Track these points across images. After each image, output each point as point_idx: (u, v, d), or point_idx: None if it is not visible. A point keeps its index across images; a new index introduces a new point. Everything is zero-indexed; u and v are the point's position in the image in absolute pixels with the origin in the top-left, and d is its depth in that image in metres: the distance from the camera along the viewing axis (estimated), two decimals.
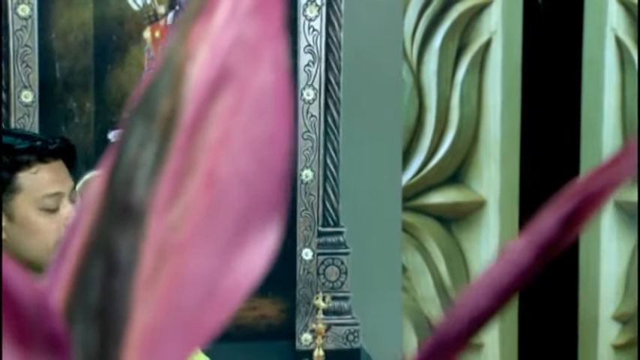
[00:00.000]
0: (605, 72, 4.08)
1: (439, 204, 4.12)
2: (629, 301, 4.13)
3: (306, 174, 3.81)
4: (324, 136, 3.81)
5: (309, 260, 3.83)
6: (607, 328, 4.13)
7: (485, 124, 4.09)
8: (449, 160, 4.09)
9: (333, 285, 3.84)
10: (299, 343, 3.82)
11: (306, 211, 3.83)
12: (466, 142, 4.09)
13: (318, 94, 3.80)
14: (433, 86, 4.05)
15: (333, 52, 3.80)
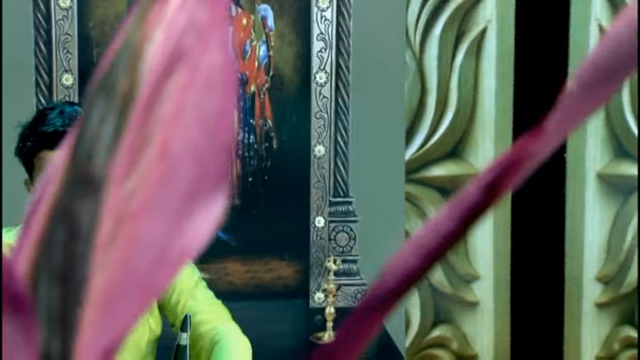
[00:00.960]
0: None
1: (439, 176, 4.10)
2: (610, 264, 4.12)
3: (318, 149, 3.80)
4: (334, 116, 3.80)
5: (321, 227, 3.83)
6: (590, 289, 4.12)
7: (481, 105, 4.08)
8: (448, 137, 4.08)
9: (343, 249, 3.84)
10: (312, 301, 3.83)
11: (319, 183, 3.82)
12: (464, 121, 4.08)
13: (330, 77, 3.79)
14: (434, 70, 4.04)
15: (343, 40, 3.79)
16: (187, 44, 0.50)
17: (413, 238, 0.53)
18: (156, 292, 0.49)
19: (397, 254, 0.53)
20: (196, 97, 0.50)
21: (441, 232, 0.52)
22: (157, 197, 0.49)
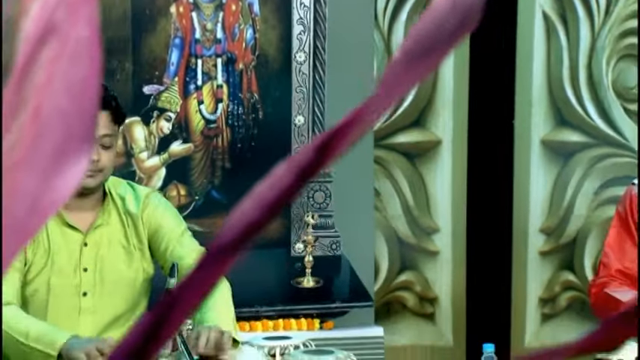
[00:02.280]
0: (534, 39, 4.04)
1: (405, 142, 4.10)
2: (552, 218, 4.11)
3: (298, 119, 3.78)
4: (312, 90, 3.78)
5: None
6: (535, 239, 4.12)
7: (441, 81, 4.07)
8: (412, 108, 4.07)
9: (319, 206, 3.82)
10: (293, 251, 3.82)
11: (299, 148, 3.80)
12: (426, 95, 4.07)
13: (308, 56, 3.76)
14: None
15: (319, 24, 3.76)
16: (59, 18, 0.49)
17: (253, 192, 0.52)
18: (29, 237, 0.48)
19: (240, 207, 0.52)
20: (65, 66, 0.49)
21: (279, 188, 0.52)
22: (30, 154, 0.49)
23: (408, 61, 0.49)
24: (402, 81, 0.49)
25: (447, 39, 0.49)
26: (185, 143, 3.71)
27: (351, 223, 3.84)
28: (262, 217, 0.51)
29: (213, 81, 3.71)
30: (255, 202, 0.52)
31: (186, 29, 3.67)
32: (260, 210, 0.51)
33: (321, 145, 0.50)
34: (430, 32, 0.48)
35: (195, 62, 3.69)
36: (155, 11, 3.65)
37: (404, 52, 0.49)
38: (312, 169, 0.50)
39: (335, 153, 0.50)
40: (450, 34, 0.49)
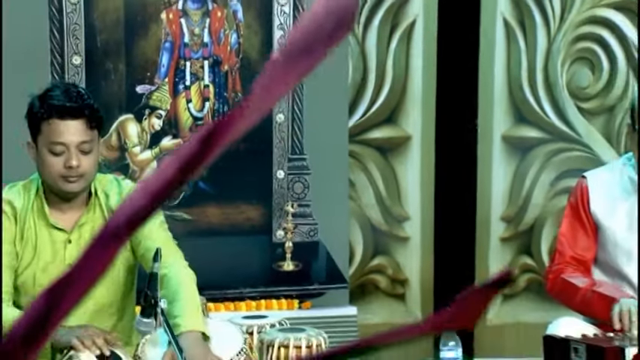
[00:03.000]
0: (496, 43, 4.03)
1: (378, 138, 4.08)
2: (511, 207, 4.11)
3: (279, 117, 3.76)
4: (292, 90, 3.76)
5: (281, 178, 3.80)
6: (496, 226, 4.11)
7: (411, 81, 4.05)
8: (385, 107, 4.05)
9: (298, 196, 3.81)
10: (274, 237, 3.80)
11: (279, 144, 3.79)
12: (397, 94, 4.05)
13: None
14: (373, 54, 4.01)
15: None
16: None
17: (141, 182, 0.51)
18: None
19: (129, 196, 0.51)
20: None
21: (164, 178, 0.50)
22: None
23: (286, 61, 0.48)
24: (281, 81, 0.48)
25: (324, 40, 0.47)
26: (175, 139, 3.69)
27: (327, 212, 3.83)
28: (148, 205, 0.50)
29: (201, 81, 3.69)
30: (142, 191, 0.50)
31: (176, 34, 3.65)
32: (146, 198, 0.50)
33: (204, 138, 0.49)
34: (308, 34, 0.47)
35: (184, 64, 3.67)
36: (147, 17, 3.63)
37: (282, 54, 0.47)
38: (196, 161, 0.49)
39: (217, 147, 0.49)
40: (327, 36, 0.47)
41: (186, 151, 0.49)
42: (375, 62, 4.01)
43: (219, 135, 0.48)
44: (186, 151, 0.49)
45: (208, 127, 0.48)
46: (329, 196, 3.83)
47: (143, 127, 3.65)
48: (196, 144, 0.48)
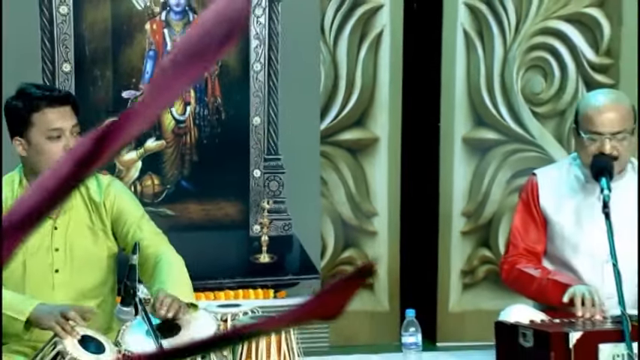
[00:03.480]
0: (456, 52, 4.03)
1: (348, 139, 4.07)
2: (471, 203, 4.10)
3: (255, 120, 3.76)
4: (267, 95, 3.75)
5: (258, 177, 3.79)
6: (457, 221, 4.10)
7: (378, 87, 4.04)
8: (354, 111, 4.04)
9: (274, 193, 3.80)
10: (251, 231, 3.80)
11: (256, 145, 3.78)
12: (366, 99, 4.04)
13: (264, 66, 3.74)
14: (344, 62, 4.00)
15: (273, 39, 3.74)
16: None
17: (38, 180, 0.50)
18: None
19: (27, 192, 0.49)
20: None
21: (58, 176, 0.49)
22: None
23: (176, 68, 0.46)
24: (170, 86, 0.46)
25: (214, 47, 0.46)
26: (158, 140, 3.68)
27: (300, 208, 3.83)
28: (44, 201, 0.48)
29: None
30: (38, 188, 0.49)
31: (159, 43, 3.63)
32: (42, 196, 0.48)
33: (98, 138, 0.48)
34: (197, 42, 0.46)
35: None
36: (132, 27, 3.61)
37: (172, 60, 0.46)
38: (90, 161, 0.47)
39: (110, 148, 0.47)
40: (217, 43, 0.46)
41: (81, 150, 0.47)
42: (345, 70, 4.00)
43: (112, 136, 0.47)
44: (81, 150, 0.47)
45: (102, 127, 0.46)
46: (302, 194, 3.83)
47: None
48: (90, 143, 0.47)
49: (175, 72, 0.46)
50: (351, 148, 4.07)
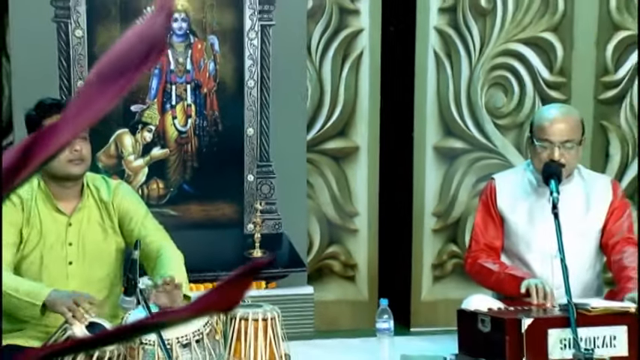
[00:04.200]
0: (428, 71, 4.03)
1: (332, 148, 4.07)
2: (441, 205, 4.11)
3: (249, 130, 3.75)
4: (260, 108, 3.75)
5: (251, 181, 3.79)
6: (428, 220, 4.11)
7: (359, 102, 4.05)
8: (338, 123, 4.04)
9: (266, 196, 3.80)
10: (246, 229, 3.79)
11: (250, 152, 3.77)
12: (348, 112, 4.04)
13: (257, 83, 3.73)
14: (328, 79, 4.00)
15: (265, 59, 3.73)
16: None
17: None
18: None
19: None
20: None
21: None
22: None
23: (100, 82, 0.46)
24: (96, 100, 0.46)
25: (135, 64, 0.46)
26: (163, 149, 3.68)
27: (289, 209, 3.82)
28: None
29: (184, 101, 3.67)
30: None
31: (164, 62, 3.63)
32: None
33: (24, 149, 0.47)
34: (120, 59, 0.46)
35: (170, 87, 3.66)
36: None
37: (96, 76, 0.46)
38: (17, 171, 0.47)
39: (36, 157, 0.47)
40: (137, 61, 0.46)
41: (8, 160, 0.46)
42: (329, 86, 4.00)
43: (37, 147, 0.46)
44: (8, 160, 0.46)
45: (28, 139, 0.45)
46: (291, 196, 3.83)
47: (136, 139, 3.63)
48: (16, 155, 0.46)
49: (100, 86, 0.46)
50: (334, 155, 4.07)
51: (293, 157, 3.82)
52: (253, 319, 2.71)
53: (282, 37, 3.72)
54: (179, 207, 3.70)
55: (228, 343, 2.70)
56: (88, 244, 2.69)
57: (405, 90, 4.06)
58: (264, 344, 2.69)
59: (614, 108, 4.14)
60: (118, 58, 0.46)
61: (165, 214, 3.62)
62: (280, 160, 3.78)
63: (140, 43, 0.46)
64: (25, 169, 0.46)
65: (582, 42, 4.07)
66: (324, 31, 3.97)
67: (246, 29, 3.68)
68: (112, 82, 0.45)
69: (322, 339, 3.59)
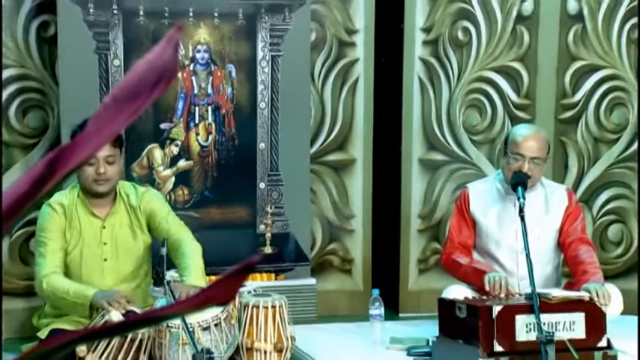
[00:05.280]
0: (414, 94, 4.03)
1: (333, 160, 4.07)
2: (425, 208, 4.10)
3: (261, 145, 3.75)
4: (270, 126, 3.75)
5: (263, 188, 3.78)
6: (415, 221, 4.10)
7: (355, 121, 4.04)
8: (337, 139, 4.04)
9: (275, 201, 3.79)
10: (258, 230, 3.78)
11: (262, 164, 3.77)
12: (345, 130, 4.04)
13: (267, 105, 3.73)
14: (329, 102, 4.00)
15: (274, 84, 3.73)
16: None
17: (6, 192, 0.47)
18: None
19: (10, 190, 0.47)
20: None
21: (17, 193, 0.47)
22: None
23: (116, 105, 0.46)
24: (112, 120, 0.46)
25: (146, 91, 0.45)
26: (187, 161, 3.67)
27: (295, 212, 3.81)
28: (4, 214, 0.46)
29: (206, 120, 3.67)
30: (8, 195, 0.47)
31: (188, 87, 3.64)
32: (3, 208, 0.47)
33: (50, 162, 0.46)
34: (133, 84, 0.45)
35: (194, 108, 3.66)
36: None
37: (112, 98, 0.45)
38: (44, 181, 0.46)
39: (60, 170, 0.46)
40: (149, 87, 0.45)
41: (36, 171, 0.46)
42: (330, 107, 4.00)
43: (62, 160, 0.46)
44: (36, 171, 0.46)
45: (53, 153, 0.45)
46: (297, 201, 3.82)
47: (165, 153, 3.63)
48: (44, 166, 0.45)
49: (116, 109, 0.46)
50: (334, 166, 4.07)
51: (298, 168, 3.81)
52: (264, 306, 2.71)
53: (289, 65, 3.73)
54: (201, 210, 3.70)
55: (242, 327, 2.69)
56: (120, 243, 2.69)
57: (394, 111, 4.06)
58: (273, 328, 2.69)
59: (572, 126, 4.13)
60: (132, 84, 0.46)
61: (189, 216, 3.61)
62: (288, 170, 3.78)
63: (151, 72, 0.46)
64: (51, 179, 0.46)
65: (545, 70, 4.07)
66: (325, 60, 3.97)
67: (258, 59, 3.69)
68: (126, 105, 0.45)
69: (323, 323, 3.58)
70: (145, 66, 0.45)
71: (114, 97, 0.46)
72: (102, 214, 2.70)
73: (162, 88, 0.46)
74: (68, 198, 2.67)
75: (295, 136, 3.77)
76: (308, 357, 2.91)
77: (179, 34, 0.44)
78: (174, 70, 0.47)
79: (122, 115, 0.45)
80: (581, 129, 4.13)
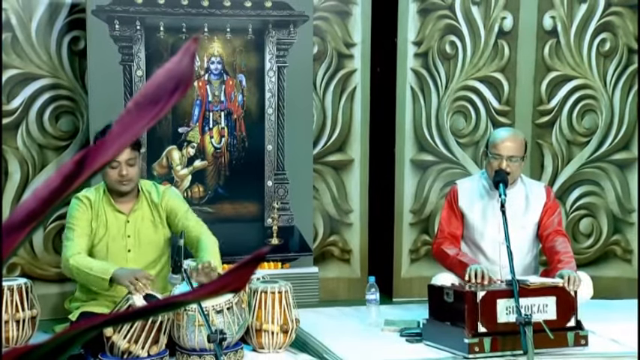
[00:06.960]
0: (406, 101, 4.02)
1: (333, 160, 4.06)
2: (416, 204, 4.09)
3: (269, 147, 3.74)
4: (277, 130, 3.74)
5: (270, 186, 3.77)
6: (407, 216, 4.09)
7: (353, 126, 4.03)
8: (337, 141, 4.03)
9: (281, 197, 3.78)
10: (266, 223, 3.77)
11: (269, 164, 3.76)
12: (344, 133, 4.03)
13: (275, 110, 3.73)
14: (330, 108, 3.99)
15: (281, 91, 3.73)
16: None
17: (34, 191, 0.46)
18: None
19: (26, 199, 0.47)
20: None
21: (49, 188, 0.46)
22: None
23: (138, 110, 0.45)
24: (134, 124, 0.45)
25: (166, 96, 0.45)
26: (203, 161, 3.67)
27: (299, 207, 3.81)
28: (38, 207, 0.46)
29: (219, 125, 3.67)
30: (34, 196, 0.47)
31: (203, 95, 3.63)
32: (36, 202, 0.46)
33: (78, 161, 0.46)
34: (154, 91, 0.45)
35: (208, 114, 3.65)
36: None
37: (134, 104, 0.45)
38: (74, 178, 0.45)
39: (88, 169, 0.45)
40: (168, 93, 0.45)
41: (67, 169, 0.45)
42: (330, 113, 4.00)
43: (89, 160, 0.45)
44: (67, 169, 0.45)
45: (81, 153, 0.44)
46: (301, 197, 3.82)
47: (183, 154, 3.62)
48: (73, 165, 0.45)
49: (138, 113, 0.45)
50: (334, 166, 4.06)
51: (302, 168, 3.81)
52: (271, 292, 2.71)
53: (293, 75, 3.72)
54: (215, 206, 3.70)
55: (251, 310, 2.69)
56: (142, 236, 2.69)
57: (389, 116, 4.06)
58: (279, 311, 2.69)
59: (547, 130, 4.13)
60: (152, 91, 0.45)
61: (204, 211, 3.61)
62: (292, 169, 3.77)
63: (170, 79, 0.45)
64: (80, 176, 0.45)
65: (523, 80, 4.06)
66: (326, 71, 3.97)
67: (266, 69, 3.68)
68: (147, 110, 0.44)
69: (324, 307, 3.58)
70: (164, 74, 0.45)
71: (136, 103, 0.46)
72: (126, 209, 2.71)
73: (180, 94, 0.46)
74: (95, 195, 2.67)
75: (299, 138, 3.77)
76: (311, 337, 2.91)
77: (195, 45, 0.44)
78: (191, 77, 0.46)
79: (143, 119, 0.45)
80: (555, 132, 4.13)
